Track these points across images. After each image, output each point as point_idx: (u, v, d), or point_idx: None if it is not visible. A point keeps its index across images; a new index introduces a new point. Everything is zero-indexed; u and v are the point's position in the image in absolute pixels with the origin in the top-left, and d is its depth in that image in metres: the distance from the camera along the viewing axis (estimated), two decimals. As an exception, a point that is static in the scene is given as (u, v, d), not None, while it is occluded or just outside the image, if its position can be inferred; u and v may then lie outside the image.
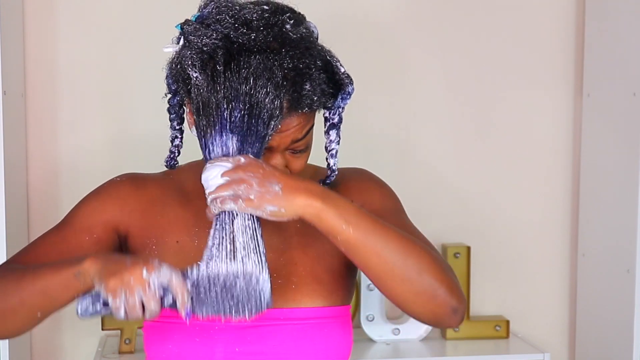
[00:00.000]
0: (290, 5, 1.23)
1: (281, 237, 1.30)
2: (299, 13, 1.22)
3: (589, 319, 2.33)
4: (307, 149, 1.24)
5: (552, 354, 2.24)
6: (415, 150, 2.34)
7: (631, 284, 2.11)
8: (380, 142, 2.32)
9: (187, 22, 1.20)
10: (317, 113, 1.23)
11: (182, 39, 1.20)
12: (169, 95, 1.27)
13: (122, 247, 1.31)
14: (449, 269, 1.21)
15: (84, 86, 2.22)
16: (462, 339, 2.28)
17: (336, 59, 1.21)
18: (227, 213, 1.13)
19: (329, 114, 1.24)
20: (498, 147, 2.38)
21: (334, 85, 1.21)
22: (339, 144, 1.26)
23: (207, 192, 1.14)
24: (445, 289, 1.18)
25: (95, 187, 1.34)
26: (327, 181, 1.29)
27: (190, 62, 1.16)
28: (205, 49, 1.15)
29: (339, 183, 1.33)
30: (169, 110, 1.29)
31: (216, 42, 1.15)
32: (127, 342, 2.15)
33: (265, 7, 1.19)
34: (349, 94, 1.22)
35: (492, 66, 2.36)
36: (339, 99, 1.22)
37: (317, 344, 1.27)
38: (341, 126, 1.26)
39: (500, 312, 2.39)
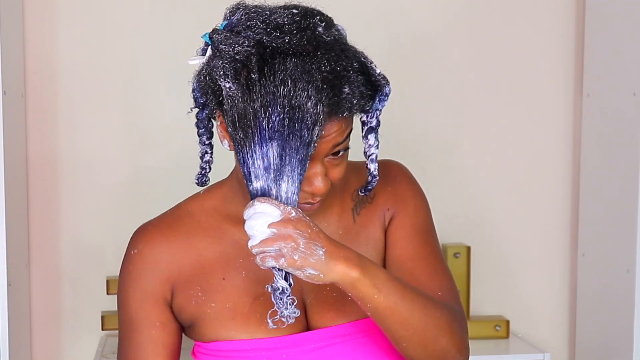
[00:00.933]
0: (318, 7, 1.19)
1: None
2: (327, 15, 1.18)
3: (589, 319, 2.33)
4: (346, 151, 1.19)
5: (552, 354, 2.24)
6: (414, 150, 2.34)
7: (631, 284, 2.10)
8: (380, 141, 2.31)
9: (215, 31, 1.14)
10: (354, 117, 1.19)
11: (209, 50, 1.14)
12: (196, 110, 1.21)
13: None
14: (462, 325, 1.23)
15: (84, 86, 2.22)
16: (462, 339, 2.27)
17: (370, 60, 1.17)
18: None
19: (367, 117, 1.19)
20: (498, 146, 2.38)
21: (371, 87, 1.16)
22: (378, 148, 1.22)
23: (250, 242, 1.10)
24: (455, 351, 1.21)
25: (121, 271, 1.28)
26: (369, 187, 1.25)
27: (222, 72, 1.10)
28: (237, 57, 1.09)
29: (377, 184, 1.30)
30: (197, 124, 1.23)
31: (249, 49, 1.09)
32: (127, 342, 2.14)
33: (295, 10, 1.14)
34: (387, 95, 1.17)
35: (492, 66, 2.36)
36: (376, 101, 1.17)
37: (385, 350, 1.26)
38: (379, 129, 1.21)
39: (500, 312, 2.39)
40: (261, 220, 1.09)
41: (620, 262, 2.15)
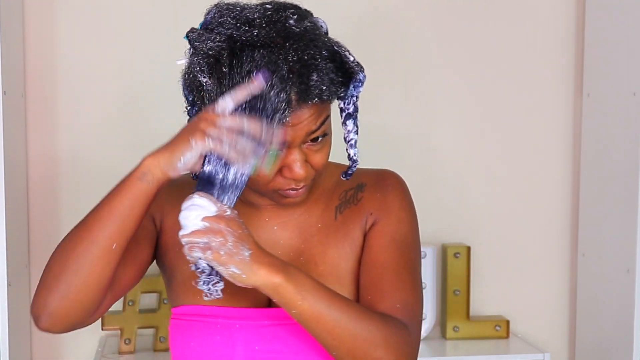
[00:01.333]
0: (296, 2, 1.22)
1: (302, 237, 1.31)
2: (305, 9, 1.22)
3: (589, 319, 2.33)
4: (325, 137, 1.22)
5: (552, 354, 2.24)
6: (414, 150, 2.34)
7: (631, 284, 2.10)
8: (381, 142, 2.32)
9: (192, 30, 1.19)
10: (332, 104, 1.22)
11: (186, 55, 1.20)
12: (189, 107, 1.27)
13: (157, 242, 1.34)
14: (406, 341, 1.22)
15: (84, 86, 2.22)
16: (462, 339, 2.28)
17: (344, 48, 1.20)
18: None
19: (344, 104, 1.23)
20: (498, 146, 2.38)
21: (343, 74, 1.19)
22: (357, 133, 1.25)
23: (181, 232, 1.13)
24: None
25: None
26: (349, 172, 1.28)
27: (198, 69, 1.16)
28: (210, 52, 1.15)
29: (365, 187, 1.33)
30: (189, 121, 1.27)
31: (220, 44, 1.14)
32: (127, 342, 2.15)
33: (268, 5, 1.19)
34: (361, 81, 1.21)
35: (492, 66, 2.36)
36: (351, 88, 1.21)
37: None
38: (358, 115, 1.24)
39: (500, 312, 2.39)
40: (196, 212, 1.12)
41: (620, 262, 2.15)
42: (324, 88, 1.15)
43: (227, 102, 1.12)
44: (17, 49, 2.12)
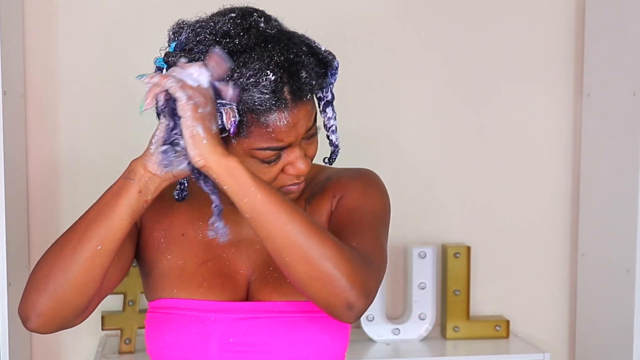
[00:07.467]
0: (250, 3, 1.27)
1: None
2: (260, 9, 1.26)
3: (589, 319, 2.33)
4: (316, 133, 1.28)
5: (552, 354, 2.24)
6: (415, 150, 2.34)
7: (631, 284, 2.11)
8: (380, 142, 2.32)
9: (169, 54, 1.23)
10: None
11: (164, 72, 1.23)
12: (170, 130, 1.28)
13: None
14: (362, 265, 1.18)
15: (84, 86, 2.22)
16: (462, 339, 2.28)
17: (313, 40, 1.25)
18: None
19: (322, 93, 1.28)
20: (498, 146, 2.38)
21: (322, 65, 1.25)
22: (336, 119, 1.31)
23: (180, 63, 1.17)
24: (346, 282, 1.15)
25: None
26: (334, 157, 1.34)
27: None
28: None
29: (332, 177, 1.36)
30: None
31: None
32: (127, 342, 2.15)
33: (232, 14, 1.22)
34: (336, 68, 1.26)
35: (493, 65, 2.36)
36: (328, 76, 1.26)
37: (311, 338, 1.29)
38: (334, 102, 1.30)
39: (500, 312, 2.39)
40: (200, 74, 1.15)
41: (620, 262, 2.15)
42: (313, 83, 1.21)
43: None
44: (17, 49, 2.12)
